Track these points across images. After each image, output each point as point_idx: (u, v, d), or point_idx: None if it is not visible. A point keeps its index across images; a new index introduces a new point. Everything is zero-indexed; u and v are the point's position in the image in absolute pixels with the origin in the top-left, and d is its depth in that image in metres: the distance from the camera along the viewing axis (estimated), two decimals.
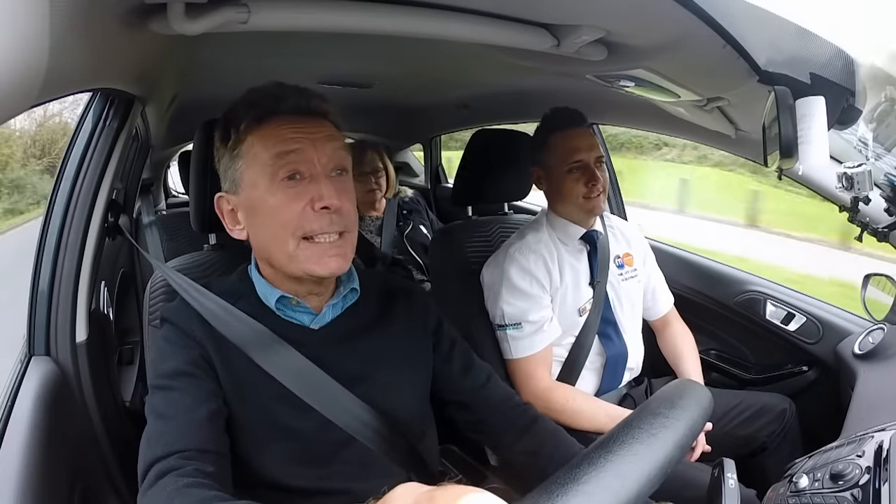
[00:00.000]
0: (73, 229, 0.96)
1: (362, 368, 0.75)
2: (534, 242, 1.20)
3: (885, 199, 1.04)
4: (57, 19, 0.41)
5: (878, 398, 0.98)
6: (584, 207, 1.19)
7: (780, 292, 1.46)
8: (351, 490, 0.73)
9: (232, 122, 0.71)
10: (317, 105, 0.72)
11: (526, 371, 1.16)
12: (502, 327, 1.18)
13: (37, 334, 0.94)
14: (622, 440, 0.44)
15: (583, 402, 1.14)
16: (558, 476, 0.40)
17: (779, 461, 1.12)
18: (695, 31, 0.67)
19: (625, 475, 0.41)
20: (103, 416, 1.00)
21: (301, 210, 0.68)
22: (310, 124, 0.70)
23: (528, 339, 1.16)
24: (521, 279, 1.16)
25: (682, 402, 0.50)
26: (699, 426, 0.49)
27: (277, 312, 0.74)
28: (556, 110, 1.23)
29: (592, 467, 0.40)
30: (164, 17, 0.62)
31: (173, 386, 0.67)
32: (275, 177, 0.68)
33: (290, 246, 0.68)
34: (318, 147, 0.69)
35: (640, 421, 0.46)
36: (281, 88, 0.70)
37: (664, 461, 0.43)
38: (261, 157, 0.68)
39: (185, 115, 1.74)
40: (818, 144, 0.72)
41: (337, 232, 0.69)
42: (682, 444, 0.46)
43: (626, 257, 1.31)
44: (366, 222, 2.07)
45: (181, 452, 0.60)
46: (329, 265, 0.69)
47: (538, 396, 1.13)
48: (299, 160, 0.68)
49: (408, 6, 0.72)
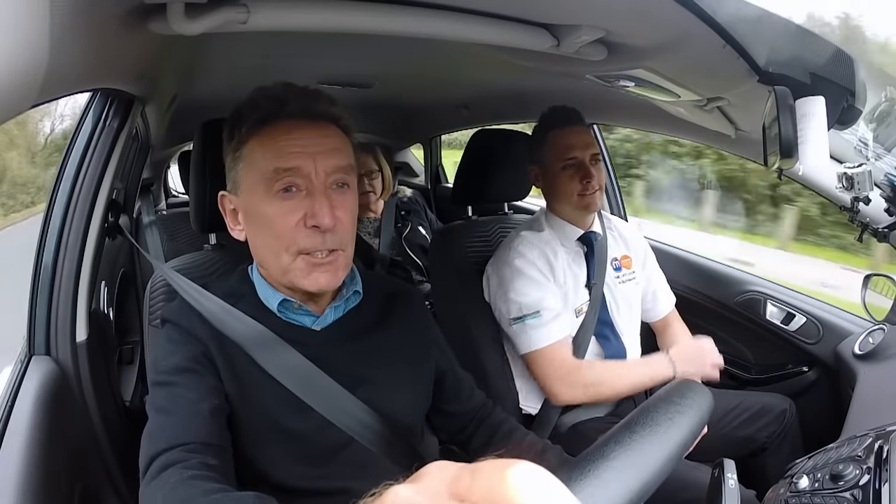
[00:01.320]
0: (73, 229, 0.96)
1: (363, 370, 0.75)
2: (535, 239, 1.21)
3: (885, 199, 1.04)
4: (57, 19, 0.41)
5: (878, 398, 0.98)
6: (579, 205, 1.20)
7: (780, 292, 1.46)
8: (351, 490, 0.73)
9: (236, 122, 0.70)
10: (324, 109, 0.69)
11: (551, 357, 1.14)
12: (519, 319, 1.15)
13: (37, 334, 0.94)
14: (622, 440, 0.44)
15: (616, 367, 1.15)
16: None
17: (779, 461, 1.12)
18: (695, 31, 0.67)
19: (624, 475, 0.41)
20: (103, 416, 1.00)
21: (294, 225, 0.67)
22: (314, 133, 0.68)
23: (548, 328, 1.14)
24: (530, 269, 1.16)
25: (681, 402, 0.50)
26: (699, 426, 0.49)
27: (279, 314, 0.74)
28: (553, 109, 1.23)
29: (592, 468, 0.40)
30: (164, 17, 0.62)
31: (175, 381, 0.66)
32: (270, 188, 0.67)
33: (283, 259, 0.68)
34: (319, 161, 0.67)
35: (639, 421, 0.46)
36: (287, 91, 0.68)
37: (664, 461, 0.43)
38: (259, 165, 0.67)
39: (185, 115, 1.74)
40: (818, 144, 0.72)
41: (328, 249, 0.68)
42: (681, 444, 0.46)
43: (623, 260, 1.30)
44: (363, 224, 2.06)
45: (185, 445, 0.60)
46: (318, 281, 0.68)
47: (570, 378, 1.12)
48: (296, 175, 0.66)
49: (408, 6, 0.72)
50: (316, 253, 0.68)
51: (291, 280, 0.69)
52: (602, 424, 1.19)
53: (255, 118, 0.68)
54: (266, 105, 0.68)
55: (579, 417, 1.19)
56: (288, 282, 0.70)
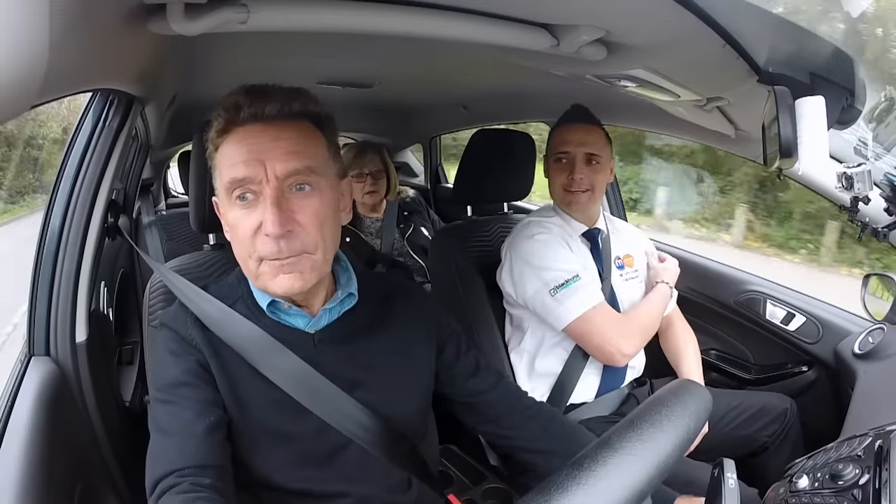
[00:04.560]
0: (73, 229, 0.96)
1: (360, 372, 0.74)
2: (548, 221, 1.24)
3: (884, 199, 1.04)
4: (57, 19, 0.41)
5: (877, 398, 0.98)
6: (563, 199, 1.23)
7: (780, 292, 1.46)
8: (350, 492, 0.73)
9: (206, 130, 0.70)
10: (275, 109, 0.65)
11: (605, 315, 1.14)
12: (562, 286, 1.12)
13: (37, 334, 0.94)
14: (622, 440, 0.44)
15: (642, 309, 1.22)
16: (556, 477, 0.40)
17: (779, 461, 1.12)
18: (694, 30, 0.67)
19: (624, 475, 0.41)
20: (103, 416, 1.00)
21: (252, 233, 0.66)
22: (266, 137, 0.65)
23: (591, 288, 1.15)
24: (556, 242, 1.19)
25: (681, 402, 0.50)
26: (699, 426, 0.49)
27: (271, 316, 0.73)
28: (571, 107, 1.27)
29: (591, 468, 0.40)
30: (164, 17, 0.62)
31: (173, 400, 0.68)
32: (230, 196, 0.67)
33: (250, 265, 0.68)
34: (270, 166, 0.64)
35: (639, 421, 0.46)
36: (243, 95, 0.66)
37: (663, 462, 0.43)
38: (222, 174, 0.67)
39: (185, 115, 1.74)
40: (818, 144, 0.72)
41: (287, 256, 0.65)
42: (681, 444, 0.46)
43: (626, 258, 1.31)
44: (365, 224, 2.06)
45: (179, 471, 0.62)
46: (282, 284, 0.66)
47: (627, 329, 1.15)
48: (249, 183, 0.65)
49: (408, 6, 0.72)
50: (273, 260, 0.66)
51: (263, 284, 0.69)
52: (605, 423, 1.19)
53: (217, 126, 0.67)
54: (223, 114, 0.67)
55: (583, 415, 1.19)
56: (261, 285, 0.70)
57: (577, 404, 1.20)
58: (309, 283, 0.68)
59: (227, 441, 0.68)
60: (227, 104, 0.66)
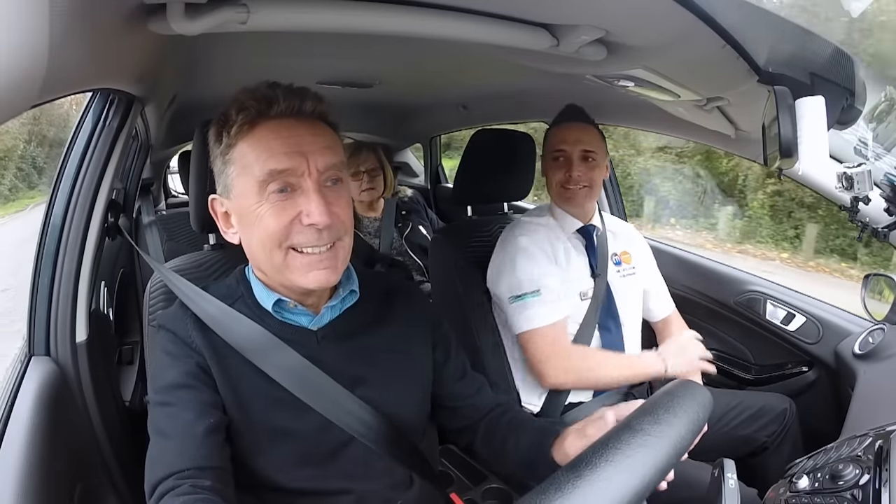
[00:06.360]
0: (73, 229, 0.96)
1: (362, 369, 0.75)
2: (539, 222, 1.25)
3: (884, 199, 1.04)
4: (57, 19, 0.41)
5: (877, 398, 0.98)
6: (561, 196, 1.25)
7: (780, 292, 1.46)
8: (352, 490, 0.73)
9: (223, 124, 0.69)
10: (312, 107, 0.68)
11: (547, 337, 1.15)
12: (519, 297, 1.16)
13: (37, 334, 0.94)
14: (622, 440, 0.44)
15: (607, 357, 1.18)
16: (556, 477, 0.40)
17: (779, 461, 1.12)
18: (694, 30, 0.67)
19: (624, 476, 0.41)
20: (103, 416, 1.00)
21: (289, 223, 0.66)
22: (305, 131, 0.67)
23: (547, 308, 1.16)
24: (534, 248, 1.20)
25: (682, 401, 0.50)
26: (699, 426, 0.49)
27: (275, 315, 0.73)
28: (566, 107, 1.28)
29: (591, 468, 0.40)
30: (164, 17, 0.62)
31: (172, 402, 0.67)
32: (264, 190, 0.66)
33: (277, 257, 0.67)
34: (312, 160, 0.66)
35: (639, 421, 0.46)
36: (273, 90, 0.67)
37: (662, 462, 0.43)
38: (251, 168, 0.66)
39: (185, 115, 1.74)
40: (818, 144, 0.72)
41: (326, 245, 0.68)
42: (680, 445, 0.46)
43: (623, 255, 1.33)
44: (364, 223, 2.06)
45: (179, 473, 0.62)
46: (317, 278, 0.68)
47: (563, 361, 1.14)
48: (290, 176, 0.66)
49: (408, 6, 0.72)
50: (312, 249, 0.67)
51: (288, 277, 0.69)
52: None
53: (243, 120, 0.67)
54: (254, 106, 0.66)
55: (581, 415, 1.19)
56: (285, 279, 0.69)
57: (576, 403, 1.20)
58: (339, 275, 0.71)
59: (226, 443, 0.68)
60: (249, 100, 0.67)
